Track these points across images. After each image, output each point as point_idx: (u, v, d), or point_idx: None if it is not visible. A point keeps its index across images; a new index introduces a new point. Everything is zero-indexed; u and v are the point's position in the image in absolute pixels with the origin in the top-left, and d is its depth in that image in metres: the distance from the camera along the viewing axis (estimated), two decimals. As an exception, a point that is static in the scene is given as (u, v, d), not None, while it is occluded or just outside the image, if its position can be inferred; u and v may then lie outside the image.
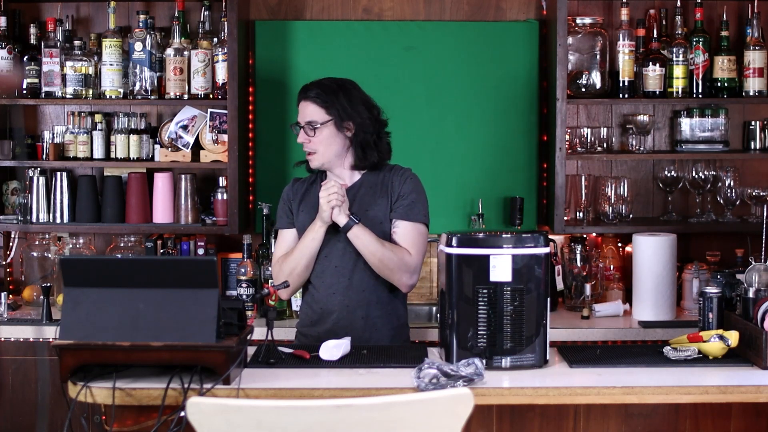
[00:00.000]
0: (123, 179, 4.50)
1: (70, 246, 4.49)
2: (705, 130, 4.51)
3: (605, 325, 4.13)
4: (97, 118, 4.48)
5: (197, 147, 4.46)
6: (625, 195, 4.50)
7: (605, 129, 4.59)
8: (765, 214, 3.68)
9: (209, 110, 4.45)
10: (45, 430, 4.15)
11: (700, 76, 4.43)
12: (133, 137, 4.42)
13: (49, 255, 4.53)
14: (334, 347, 3.08)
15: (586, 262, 4.39)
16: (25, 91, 4.46)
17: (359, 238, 3.36)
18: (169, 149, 4.46)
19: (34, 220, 4.47)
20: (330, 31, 4.60)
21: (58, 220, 4.47)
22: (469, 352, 2.96)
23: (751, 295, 3.11)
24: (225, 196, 4.41)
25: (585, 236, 4.49)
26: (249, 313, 4.17)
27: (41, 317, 4.15)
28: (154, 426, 2.70)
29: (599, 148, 4.54)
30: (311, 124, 3.43)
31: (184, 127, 4.46)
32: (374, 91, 3.60)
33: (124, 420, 2.82)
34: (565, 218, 4.42)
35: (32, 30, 4.52)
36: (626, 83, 4.44)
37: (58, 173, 4.48)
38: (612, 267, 4.48)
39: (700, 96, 4.44)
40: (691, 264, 4.36)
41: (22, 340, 4.14)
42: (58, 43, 4.41)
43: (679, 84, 4.42)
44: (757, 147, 4.54)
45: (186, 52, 4.41)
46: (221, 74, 4.40)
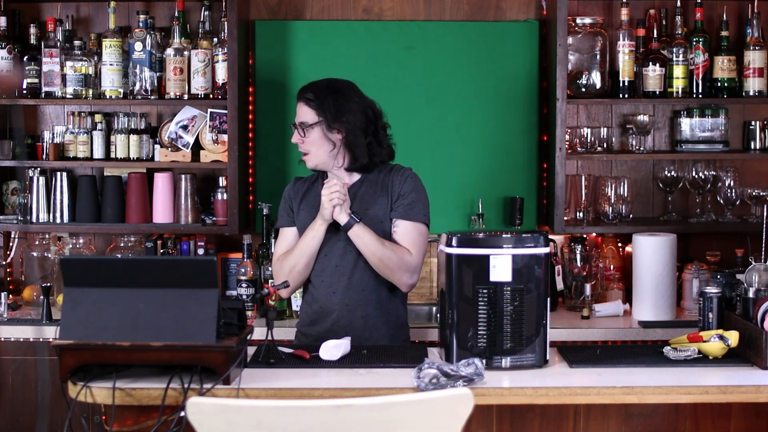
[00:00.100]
0: (123, 179, 4.50)
1: (70, 246, 4.49)
2: (705, 130, 4.51)
3: (605, 325, 4.13)
4: (97, 118, 4.48)
5: (197, 147, 4.46)
6: (625, 195, 4.50)
7: (605, 129, 4.59)
8: (765, 214, 3.68)
9: (209, 110, 4.45)
10: (45, 430, 4.15)
11: (700, 76, 4.43)
12: (133, 137, 4.42)
13: (49, 255, 4.53)
14: (334, 347, 3.08)
15: (586, 262, 4.39)
16: (25, 91, 4.46)
17: (360, 237, 3.36)
18: (169, 149, 4.46)
19: (34, 220, 4.47)
20: (330, 31, 4.60)
21: (58, 220, 4.47)
22: (469, 352, 2.96)
23: (751, 295, 3.11)
24: (225, 196, 4.41)
25: (585, 236, 4.49)
26: (249, 313, 4.16)
27: (41, 317, 4.15)
28: (154, 426, 2.70)
29: (599, 148, 4.54)
30: (303, 125, 3.46)
31: (184, 127, 4.46)
32: (374, 91, 3.60)
33: (124, 420, 2.82)
34: (565, 218, 4.42)
35: (32, 30, 4.52)
36: (626, 83, 4.44)
37: (58, 173, 4.48)
38: (612, 267, 4.48)
39: (700, 96, 4.44)
40: (691, 264, 4.36)
41: (22, 340, 4.14)
42: (58, 43, 4.41)
43: (679, 84, 4.42)
44: (757, 147, 4.54)
45: (186, 52, 4.41)
46: (221, 74, 4.40)
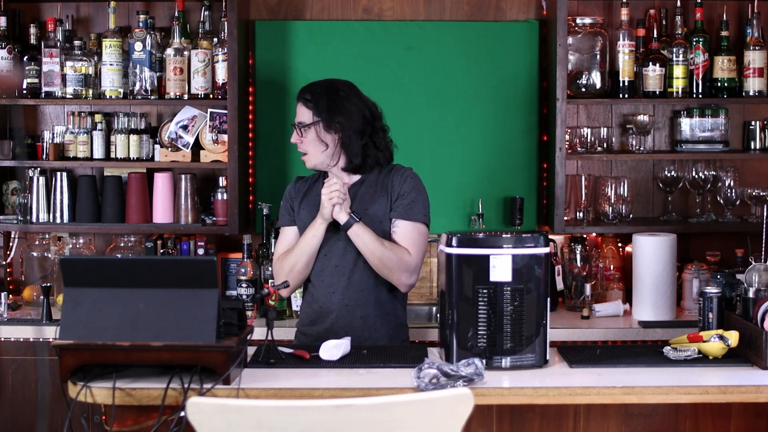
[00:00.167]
0: (123, 179, 4.49)
1: (70, 246, 4.49)
2: (705, 130, 4.51)
3: (605, 325, 4.13)
4: (97, 118, 4.48)
5: (197, 147, 4.46)
6: (625, 195, 4.50)
7: (605, 129, 4.59)
8: (765, 214, 3.68)
9: (209, 110, 4.45)
10: (45, 430, 4.15)
11: (700, 76, 4.43)
12: (133, 137, 4.42)
13: (49, 255, 4.53)
14: (334, 347, 3.08)
15: (586, 262, 4.39)
16: (25, 91, 4.46)
17: (359, 236, 3.36)
18: (169, 149, 4.46)
19: (34, 220, 4.47)
20: (330, 31, 4.60)
21: (58, 220, 4.47)
22: (469, 352, 2.96)
23: (751, 295, 3.11)
24: (225, 196, 4.41)
25: (585, 236, 4.49)
26: (249, 313, 4.16)
27: (41, 317, 4.15)
28: (154, 426, 2.70)
29: (599, 148, 4.54)
30: (301, 125, 3.47)
31: (184, 127, 4.46)
32: (374, 91, 3.60)
33: (124, 420, 2.82)
34: (565, 218, 4.42)
35: (32, 30, 4.52)
36: (626, 83, 4.44)
37: (58, 173, 4.48)
38: (612, 267, 4.48)
39: (700, 96, 4.44)
40: (691, 264, 4.36)
41: (22, 340, 4.14)
42: (58, 43, 4.41)
43: (679, 84, 4.42)
44: (757, 147, 4.54)
45: (186, 52, 4.41)
46: (221, 74, 4.40)
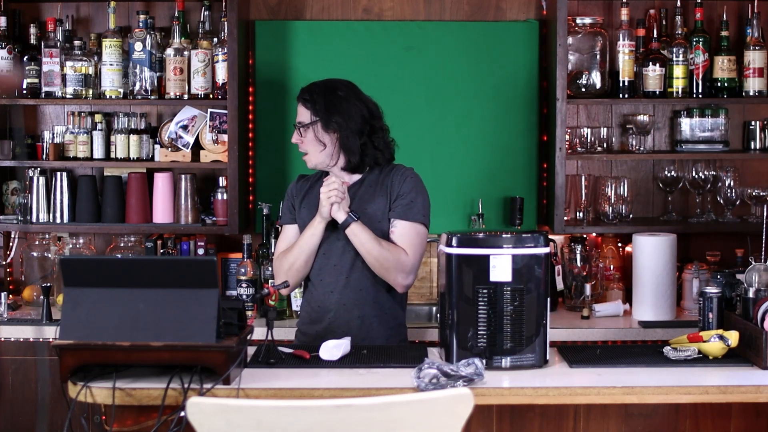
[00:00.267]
0: (123, 179, 4.49)
1: (70, 246, 4.49)
2: (705, 130, 4.51)
3: (605, 325, 4.13)
4: (97, 118, 4.48)
5: (197, 147, 4.46)
6: (625, 195, 4.50)
7: (605, 129, 4.59)
8: (765, 214, 3.68)
9: (209, 110, 4.45)
10: (45, 430, 4.15)
11: (700, 76, 4.43)
12: (133, 137, 4.42)
13: (49, 255, 4.53)
14: (334, 347, 3.08)
15: (586, 262, 4.39)
16: (25, 91, 4.45)
17: (357, 235, 3.36)
18: (169, 149, 4.46)
19: (34, 220, 4.47)
20: (330, 31, 4.60)
21: (58, 220, 4.47)
22: (469, 352, 2.96)
23: (751, 295, 3.11)
24: (225, 196, 4.41)
25: (585, 236, 4.49)
26: (249, 313, 4.16)
27: (41, 317, 4.15)
28: (154, 426, 2.70)
29: (599, 148, 4.54)
30: (301, 125, 3.47)
31: (184, 127, 4.46)
32: (374, 91, 3.60)
33: (124, 420, 2.82)
34: (565, 218, 4.42)
35: (32, 30, 4.52)
36: (626, 83, 4.44)
37: (58, 173, 4.48)
38: (612, 267, 4.48)
39: (700, 96, 4.44)
40: (691, 264, 4.36)
41: (22, 340, 4.14)
42: (58, 43, 4.41)
43: (679, 84, 4.42)
44: (757, 147, 4.54)
45: (186, 52, 4.41)
46: (221, 74, 4.40)
